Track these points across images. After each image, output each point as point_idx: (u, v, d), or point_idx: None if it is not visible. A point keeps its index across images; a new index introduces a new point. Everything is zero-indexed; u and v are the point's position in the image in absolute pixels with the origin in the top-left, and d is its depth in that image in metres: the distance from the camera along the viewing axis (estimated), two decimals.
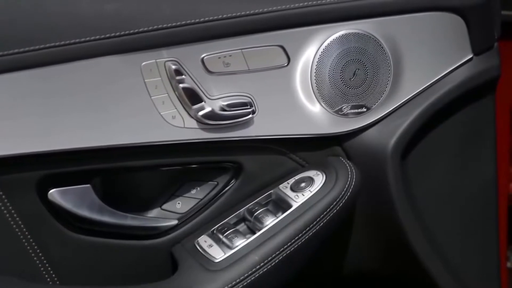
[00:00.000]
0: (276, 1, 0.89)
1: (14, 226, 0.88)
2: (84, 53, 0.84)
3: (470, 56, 0.99)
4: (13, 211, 0.87)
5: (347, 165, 0.95)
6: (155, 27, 0.86)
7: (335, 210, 0.92)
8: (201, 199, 0.96)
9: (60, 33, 0.83)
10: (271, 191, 0.96)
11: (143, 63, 0.86)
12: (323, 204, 0.91)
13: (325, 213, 0.91)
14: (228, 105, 0.90)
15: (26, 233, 0.89)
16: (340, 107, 0.94)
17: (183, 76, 0.87)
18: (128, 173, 0.94)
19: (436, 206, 1.04)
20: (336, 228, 0.95)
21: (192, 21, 0.87)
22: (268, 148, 0.95)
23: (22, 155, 0.84)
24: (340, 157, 0.97)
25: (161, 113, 0.88)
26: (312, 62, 0.92)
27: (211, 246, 0.90)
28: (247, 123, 0.92)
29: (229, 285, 0.86)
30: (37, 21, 0.84)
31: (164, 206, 0.96)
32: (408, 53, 0.95)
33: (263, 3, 0.89)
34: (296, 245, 0.90)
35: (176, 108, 0.88)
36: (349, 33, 0.92)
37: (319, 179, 0.94)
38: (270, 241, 0.89)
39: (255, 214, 0.93)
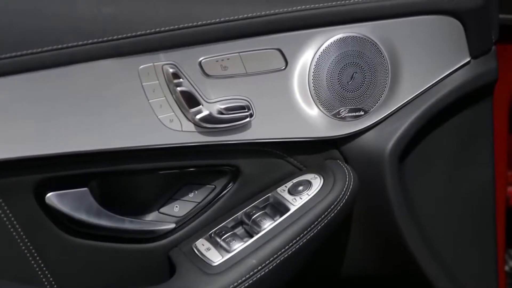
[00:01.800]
0: (273, 4, 0.89)
1: (12, 230, 0.88)
2: (81, 56, 0.84)
3: (468, 59, 0.99)
4: (10, 215, 0.87)
5: (345, 168, 0.95)
6: (153, 30, 0.85)
7: (333, 214, 0.92)
8: (199, 203, 0.96)
9: (57, 37, 0.83)
10: (269, 194, 0.96)
11: (141, 67, 0.86)
12: (321, 207, 0.91)
13: (322, 216, 0.91)
14: (226, 109, 0.90)
15: (24, 236, 0.88)
16: (337, 110, 0.94)
17: (181, 80, 0.87)
18: (126, 176, 0.94)
19: (434, 209, 1.04)
20: (334, 231, 0.95)
21: (190, 24, 0.87)
22: (265, 152, 0.95)
23: (19, 158, 0.84)
24: (338, 161, 0.97)
25: (159, 117, 0.88)
26: (310, 65, 0.92)
27: (209, 250, 0.90)
28: (244, 127, 0.91)
29: None
30: (33, 24, 0.84)
31: (162, 210, 0.96)
32: (405, 57, 0.95)
33: (261, 6, 0.89)
34: (294, 249, 0.90)
35: (173, 112, 0.88)
36: (346, 36, 0.92)
37: (317, 182, 0.94)
38: (268, 245, 0.89)
39: (253, 217, 0.93)
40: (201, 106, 0.89)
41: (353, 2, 0.92)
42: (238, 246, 0.89)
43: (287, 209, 0.92)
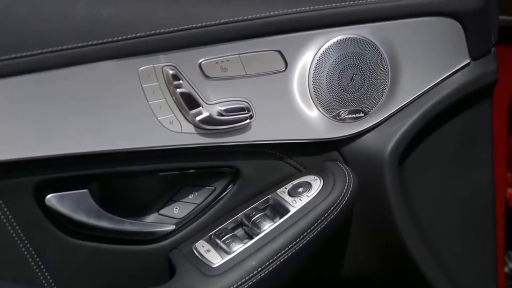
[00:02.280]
0: (273, 6, 0.89)
1: (12, 231, 0.88)
2: (81, 58, 0.84)
3: (468, 61, 0.99)
4: (10, 217, 0.87)
5: (345, 170, 0.95)
6: (152, 32, 0.85)
7: (333, 215, 0.92)
8: (199, 204, 0.96)
9: (57, 38, 0.83)
10: (269, 196, 0.96)
11: (141, 68, 0.86)
12: (321, 209, 0.91)
13: (322, 218, 0.91)
14: (226, 110, 0.90)
15: (23, 238, 0.88)
16: (337, 112, 0.94)
17: (181, 81, 0.87)
18: (126, 178, 0.94)
19: (434, 211, 1.04)
20: (334, 232, 0.95)
21: (190, 26, 0.87)
22: (265, 153, 0.95)
23: (19, 160, 0.84)
24: (338, 162, 0.97)
25: (159, 118, 0.88)
26: (310, 67, 0.92)
27: (209, 251, 0.90)
28: (244, 128, 0.91)
29: None
30: (33, 26, 0.84)
31: (162, 211, 0.96)
32: (405, 58, 0.95)
33: (261, 8, 0.89)
34: (294, 250, 0.90)
35: (173, 113, 0.88)
36: (346, 38, 0.92)
37: (317, 184, 0.94)
38: (268, 246, 0.89)
39: (253, 219, 0.93)
40: (201, 107, 0.89)
41: (352, 4, 0.92)
42: (238, 248, 0.89)
43: (287, 211, 0.92)
